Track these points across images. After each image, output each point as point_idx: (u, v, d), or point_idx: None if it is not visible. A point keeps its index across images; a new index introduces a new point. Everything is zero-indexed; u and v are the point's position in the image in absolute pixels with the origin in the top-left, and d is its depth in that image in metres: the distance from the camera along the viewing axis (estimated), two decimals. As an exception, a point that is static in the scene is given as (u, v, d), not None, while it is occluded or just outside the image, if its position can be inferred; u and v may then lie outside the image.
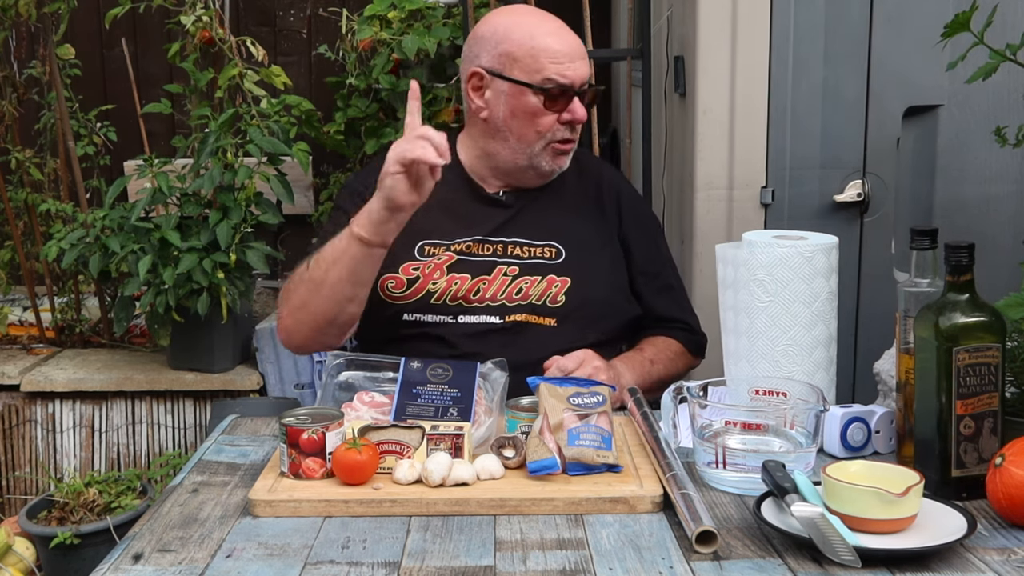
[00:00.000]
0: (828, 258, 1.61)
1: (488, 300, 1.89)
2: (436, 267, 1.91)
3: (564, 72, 1.88)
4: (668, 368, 1.98)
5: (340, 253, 1.77)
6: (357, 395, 1.65)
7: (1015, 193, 2.47)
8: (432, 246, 1.93)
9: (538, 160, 1.93)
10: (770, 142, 2.48)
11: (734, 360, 1.66)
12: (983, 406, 1.40)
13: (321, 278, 1.80)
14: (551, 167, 1.94)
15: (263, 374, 3.34)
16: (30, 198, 3.55)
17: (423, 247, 1.93)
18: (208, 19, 3.15)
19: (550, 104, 1.88)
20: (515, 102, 1.90)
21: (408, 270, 1.91)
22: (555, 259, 1.93)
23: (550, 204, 2.00)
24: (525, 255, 1.93)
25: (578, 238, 1.97)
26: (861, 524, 1.26)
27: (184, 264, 3.00)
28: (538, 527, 1.35)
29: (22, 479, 3.32)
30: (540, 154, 1.92)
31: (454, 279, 1.90)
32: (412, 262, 1.92)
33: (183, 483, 1.52)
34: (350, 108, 3.79)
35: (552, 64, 1.87)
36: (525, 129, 1.91)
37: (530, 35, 1.89)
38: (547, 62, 1.87)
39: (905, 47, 2.44)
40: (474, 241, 1.94)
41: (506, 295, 1.90)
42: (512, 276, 1.91)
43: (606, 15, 4.29)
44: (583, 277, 1.93)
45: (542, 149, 1.92)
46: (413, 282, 1.90)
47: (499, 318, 1.89)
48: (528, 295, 1.90)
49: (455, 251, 1.93)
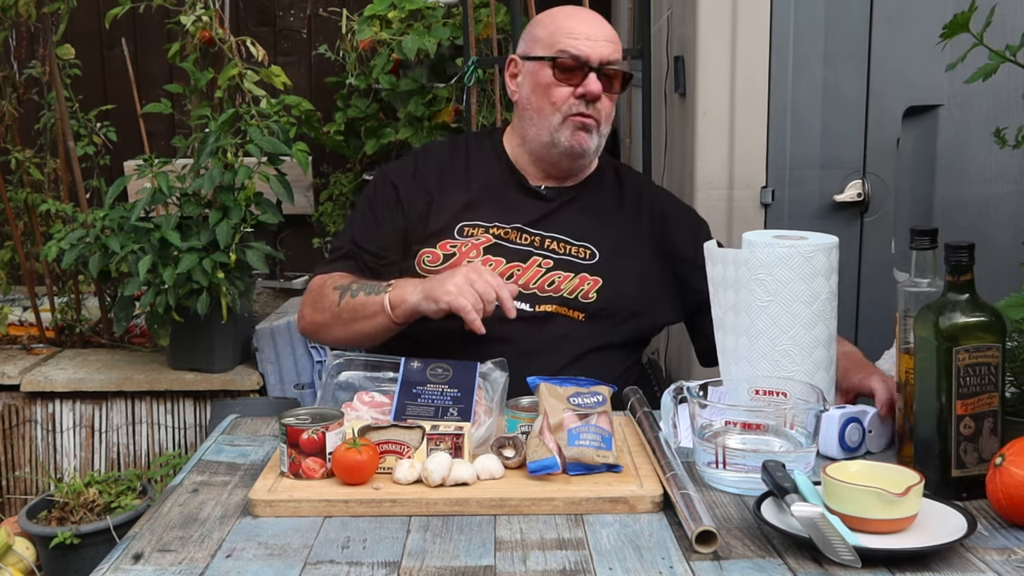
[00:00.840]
0: (828, 258, 1.61)
1: (520, 288, 1.91)
2: (473, 247, 1.94)
3: (578, 46, 1.93)
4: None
5: (371, 315, 1.86)
6: (357, 395, 1.65)
7: (1015, 193, 2.47)
8: (471, 227, 1.98)
9: (558, 136, 1.96)
10: (770, 142, 2.48)
11: (734, 360, 1.65)
12: (983, 406, 1.40)
13: (347, 322, 1.90)
14: (570, 142, 1.96)
15: (263, 374, 3.35)
16: (30, 198, 3.55)
17: (463, 228, 1.98)
18: (208, 19, 3.15)
19: (563, 76, 1.94)
20: (534, 78, 1.98)
21: (446, 247, 1.95)
22: (589, 260, 1.97)
23: (588, 206, 2.04)
24: (561, 251, 1.97)
25: (613, 244, 2.00)
26: (861, 524, 1.26)
27: (184, 264, 3.00)
28: (538, 527, 1.35)
29: (22, 479, 3.32)
30: (559, 128, 1.96)
31: (488, 260, 1.93)
32: (450, 240, 1.96)
33: (183, 483, 1.52)
34: (350, 108, 3.79)
35: (567, 39, 1.94)
36: (542, 102, 1.97)
37: (554, 18, 2.00)
38: (563, 37, 1.95)
39: (905, 47, 2.44)
40: (512, 228, 1.97)
41: (538, 285, 1.93)
42: (546, 268, 1.94)
43: (606, 15, 4.28)
44: (615, 280, 1.96)
45: (560, 123, 1.95)
46: (449, 257, 1.95)
47: (529, 306, 1.92)
48: (560, 288, 1.93)
49: (493, 234, 1.96)
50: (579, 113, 1.94)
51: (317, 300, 1.97)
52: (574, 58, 1.93)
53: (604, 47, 1.94)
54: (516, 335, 1.86)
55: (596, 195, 2.06)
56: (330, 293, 1.93)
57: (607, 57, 1.94)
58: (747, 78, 2.46)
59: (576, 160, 2.00)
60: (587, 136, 1.96)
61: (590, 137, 1.97)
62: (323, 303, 1.95)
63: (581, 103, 1.94)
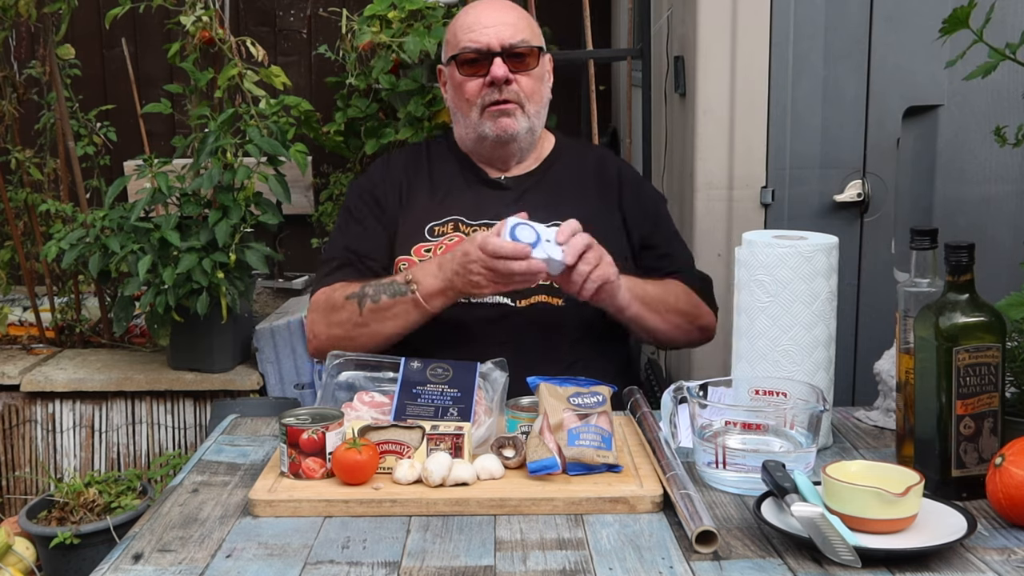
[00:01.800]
0: (828, 258, 1.61)
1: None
2: (448, 248, 1.93)
3: (475, 38, 1.96)
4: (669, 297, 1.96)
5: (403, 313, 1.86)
6: (357, 395, 1.65)
7: (1015, 193, 2.47)
8: (441, 226, 1.98)
9: (482, 128, 1.98)
10: (770, 142, 2.48)
11: (734, 360, 1.65)
12: (983, 406, 1.40)
13: (377, 328, 1.89)
14: (495, 131, 1.97)
15: (263, 374, 3.34)
16: (30, 198, 3.55)
17: (432, 228, 1.98)
18: (208, 19, 3.14)
19: (468, 70, 1.97)
20: (451, 80, 2.03)
21: (420, 252, 1.95)
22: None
23: (552, 187, 2.04)
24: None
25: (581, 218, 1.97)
26: (861, 524, 1.26)
27: (184, 264, 3.00)
28: (538, 527, 1.35)
29: (22, 479, 3.32)
30: (481, 122, 1.98)
31: None
32: (423, 243, 1.96)
33: (183, 483, 1.52)
34: (350, 108, 3.78)
35: (465, 34, 1.98)
36: (459, 102, 2.01)
37: (456, 18, 2.03)
38: (462, 33, 1.98)
39: (905, 46, 2.44)
40: (481, 225, 1.97)
41: None
42: None
43: (606, 15, 4.29)
44: None
45: (480, 116, 1.98)
46: None
47: (512, 300, 1.92)
48: None
49: (464, 232, 1.97)
50: (493, 103, 1.96)
51: (330, 314, 1.93)
52: (475, 51, 1.95)
53: (503, 30, 1.96)
54: (505, 333, 1.87)
55: (557, 175, 2.06)
56: (344, 304, 1.90)
57: (507, 39, 1.95)
58: (747, 78, 2.46)
59: (508, 145, 2.01)
60: (510, 120, 1.97)
61: (514, 120, 1.97)
62: (338, 316, 1.91)
63: (494, 91, 1.95)
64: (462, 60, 1.97)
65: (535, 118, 2.01)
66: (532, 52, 1.98)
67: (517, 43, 1.96)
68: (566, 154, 2.10)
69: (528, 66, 1.98)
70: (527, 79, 1.98)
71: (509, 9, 2.02)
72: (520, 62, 1.97)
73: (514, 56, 1.96)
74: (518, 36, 1.96)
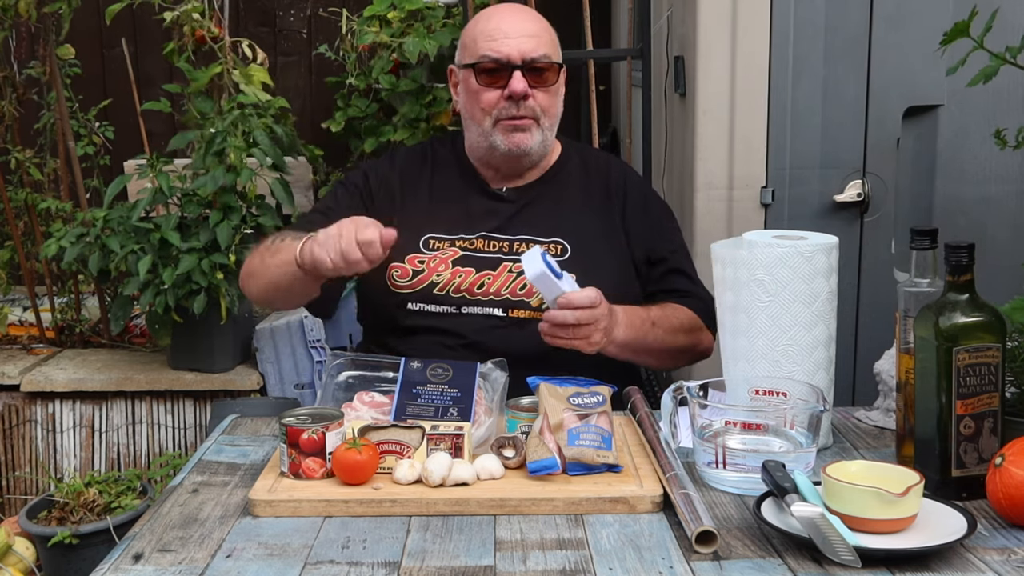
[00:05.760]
0: (828, 258, 1.61)
1: (492, 295, 1.90)
2: (441, 261, 1.92)
3: (497, 48, 1.91)
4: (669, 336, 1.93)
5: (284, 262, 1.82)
6: (357, 395, 1.65)
7: (1015, 193, 2.47)
8: (437, 240, 1.95)
9: (493, 139, 1.95)
10: (770, 142, 2.48)
11: (733, 360, 1.65)
12: (983, 406, 1.40)
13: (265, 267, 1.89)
14: (507, 145, 1.94)
15: (263, 374, 3.34)
16: (30, 198, 3.55)
17: (428, 240, 1.96)
18: (199, 16, 3.13)
19: (487, 80, 1.93)
20: (466, 86, 1.97)
21: (414, 262, 1.93)
22: (561, 256, 1.94)
23: (554, 200, 2.01)
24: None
25: (584, 234, 1.97)
26: (861, 524, 1.26)
27: (184, 264, 3.00)
28: (538, 527, 1.35)
29: (22, 479, 3.32)
30: (492, 132, 1.94)
31: (458, 272, 1.92)
32: (417, 254, 1.94)
33: (183, 483, 1.52)
34: (350, 108, 3.78)
35: (486, 42, 1.93)
36: (474, 109, 1.96)
37: (477, 21, 1.99)
38: (482, 40, 1.94)
39: (905, 47, 2.44)
40: (479, 237, 1.95)
41: (510, 291, 1.91)
42: (517, 273, 1.91)
43: (606, 15, 4.29)
44: (589, 273, 1.91)
45: (492, 127, 1.94)
46: (418, 273, 1.93)
47: (502, 311, 1.90)
48: (532, 292, 1.90)
49: (460, 247, 1.94)
50: (508, 117, 1.92)
51: (255, 250, 1.98)
52: (495, 60, 1.91)
53: (525, 43, 1.91)
54: (493, 342, 1.85)
55: (560, 187, 2.03)
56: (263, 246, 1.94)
57: (529, 53, 1.91)
58: (747, 78, 2.46)
59: (520, 159, 1.98)
60: (524, 135, 1.94)
61: (528, 136, 1.94)
62: (256, 250, 1.96)
63: (512, 105, 1.92)
64: (480, 69, 1.92)
65: (548, 132, 1.97)
66: (552, 68, 1.94)
67: (538, 57, 1.92)
68: (571, 163, 2.06)
69: (547, 81, 1.94)
70: (544, 94, 1.94)
71: (532, 20, 1.97)
72: (539, 77, 1.92)
73: (534, 71, 1.92)
74: (540, 50, 1.92)
